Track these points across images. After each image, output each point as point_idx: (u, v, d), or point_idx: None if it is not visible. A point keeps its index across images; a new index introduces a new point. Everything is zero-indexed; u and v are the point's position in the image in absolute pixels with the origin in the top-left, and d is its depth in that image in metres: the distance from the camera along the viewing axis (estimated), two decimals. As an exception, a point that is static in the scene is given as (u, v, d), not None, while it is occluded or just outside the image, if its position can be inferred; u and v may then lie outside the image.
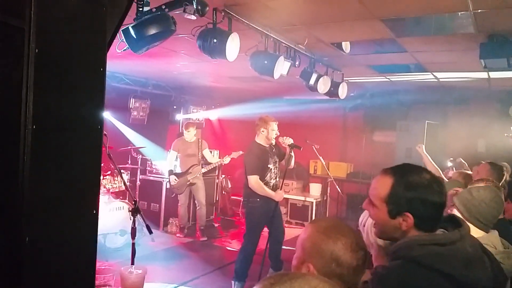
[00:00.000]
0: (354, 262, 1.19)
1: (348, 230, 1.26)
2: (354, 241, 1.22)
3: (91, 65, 1.41)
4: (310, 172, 8.62)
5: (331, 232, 1.23)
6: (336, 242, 1.20)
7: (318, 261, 1.20)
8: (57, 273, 1.36)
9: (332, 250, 1.20)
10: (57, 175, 1.31)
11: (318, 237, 1.23)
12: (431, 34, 3.99)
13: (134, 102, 7.47)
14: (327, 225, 1.28)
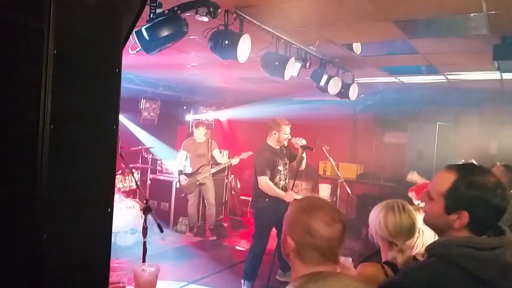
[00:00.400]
0: (327, 233, 1.28)
1: (324, 206, 1.35)
2: (328, 214, 1.31)
3: (107, 66, 1.44)
4: (319, 173, 8.60)
5: (308, 207, 1.34)
6: (310, 215, 1.31)
7: (295, 233, 1.32)
8: (74, 270, 1.38)
9: (306, 222, 1.30)
10: (74, 174, 1.34)
11: (296, 211, 1.36)
12: (443, 35, 3.97)
13: (145, 103, 7.54)
14: (306, 201, 1.41)
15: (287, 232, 1.36)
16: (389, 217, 1.90)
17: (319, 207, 1.33)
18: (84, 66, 1.32)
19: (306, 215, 1.32)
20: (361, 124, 8.40)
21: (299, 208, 1.38)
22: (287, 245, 1.33)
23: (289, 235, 1.34)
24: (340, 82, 5.11)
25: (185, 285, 4.76)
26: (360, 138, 8.44)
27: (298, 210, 1.37)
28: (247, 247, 5.65)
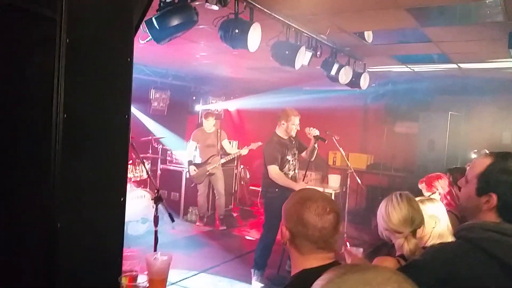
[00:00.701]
0: (319, 224, 1.33)
1: (318, 197, 1.39)
2: (320, 206, 1.35)
3: (119, 55, 1.44)
4: (329, 164, 8.56)
5: (301, 199, 1.39)
6: (302, 206, 1.36)
7: (289, 224, 1.38)
8: (88, 258, 1.40)
9: (299, 213, 1.35)
10: (87, 163, 1.35)
11: (291, 203, 1.42)
12: (456, 23, 3.90)
13: (155, 93, 7.54)
14: (301, 193, 1.47)
15: (283, 222, 1.42)
16: (389, 208, 1.93)
17: (312, 199, 1.37)
18: (96, 56, 1.32)
19: (299, 206, 1.37)
20: (372, 113, 8.32)
21: (294, 199, 1.43)
22: (283, 234, 1.41)
23: (284, 225, 1.41)
24: (351, 71, 5.06)
25: (195, 274, 4.81)
26: (370, 128, 8.37)
27: (293, 202, 1.42)
28: (257, 237, 5.67)
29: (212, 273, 4.90)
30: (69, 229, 1.30)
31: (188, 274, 4.74)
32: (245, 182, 8.45)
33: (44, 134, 1.20)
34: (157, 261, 1.68)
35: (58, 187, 1.24)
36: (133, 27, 1.58)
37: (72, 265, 1.36)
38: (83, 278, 1.41)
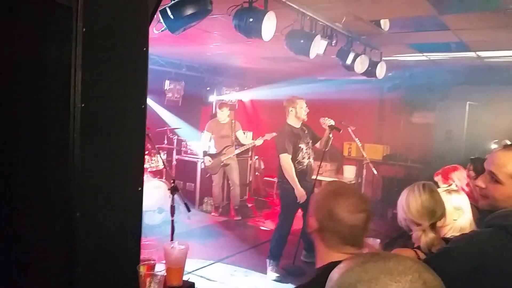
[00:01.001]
0: (350, 221, 1.31)
1: (351, 193, 1.36)
2: (353, 203, 1.33)
3: (134, 45, 1.43)
4: (344, 154, 8.50)
5: (335, 193, 1.36)
6: (335, 200, 1.33)
7: (319, 215, 1.35)
8: (106, 246, 1.41)
9: (331, 207, 1.32)
10: (105, 153, 1.35)
11: (324, 195, 1.39)
12: (476, 10, 3.79)
13: (169, 84, 7.56)
14: (335, 187, 1.43)
15: (312, 212, 1.39)
16: (410, 198, 1.88)
17: (345, 194, 1.35)
18: (112, 45, 1.31)
19: (332, 200, 1.34)
20: (388, 103, 8.20)
21: (327, 191, 1.40)
22: (310, 224, 1.38)
23: (313, 216, 1.38)
24: (367, 60, 4.98)
25: (211, 263, 4.85)
26: (386, 118, 8.26)
27: (325, 193, 1.40)
28: (272, 227, 5.68)
29: (227, 262, 4.93)
30: (88, 218, 1.31)
31: (204, 264, 4.78)
32: (260, 172, 8.45)
33: (62, 124, 1.20)
34: (174, 250, 1.69)
35: (77, 177, 1.25)
36: (149, 16, 1.58)
37: (91, 253, 1.37)
38: (102, 266, 1.43)
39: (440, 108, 7.15)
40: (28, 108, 1.21)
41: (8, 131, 1.22)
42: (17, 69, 1.19)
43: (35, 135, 1.25)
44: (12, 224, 1.29)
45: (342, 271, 0.72)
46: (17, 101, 1.20)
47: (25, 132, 1.26)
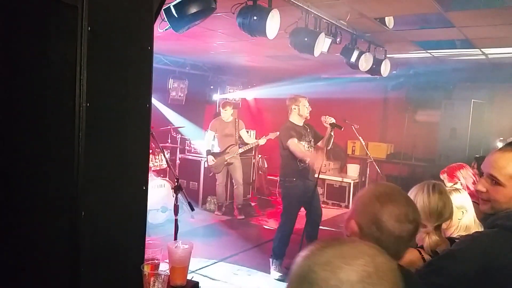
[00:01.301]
0: (397, 232, 1.18)
1: (402, 201, 1.23)
2: (403, 212, 1.19)
3: (139, 44, 1.42)
4: (347, 153, 8.48)
5: (383, 198, 1.21)
6: (383, 207, 1.19)
7: (362, 220, 1.22)
8: (111, 246, 1.41)
9: (377, 213, 1.19)
10: (110, 152, 1.35)
11: (370, 198, 1.23)
12: (481, 7, 3.76)
13: (173, 83, 7.56)
14: (384, 190, 1.25)
15: (353, 214, 1.25)
16: (418, 198, 1.82)
17: (395, 201, 1.21)
18: (117, 43, 1.31)
19: (378, 205, 1.20)
20: (392, 101, 8.17)
21: (374, 194, 1.24)
22: (350, 227, 1.24)
23: (354, 219, 1.24)
24: (371, 58, 4.96)
25: (214, 262, 4.85)
26: (391, 117, 8.23)
27: (371, 196, 1.24)
28: (275, 226, 5.67)
29: (230, 262, 4.93)
30: (92, 218, 1.31)
31: (207, 263, 4.78)
32: (263, 171, 8.45)
33: (67, 123, 1.20)
34: (178, 250, 1.69)
35: (81, 176, 1.24)
36: (153, 14, 1.57)
37: (95, 253, 1.37)
38: (106, 265, 1.42)
39: (444, 106, 7.13)
40: (33, 107, 1.21)
41: (13, 130, 1.21)
42: (22, 68, 1.18)
43: (40, 135, 1.25)
44: (16, 223, 1.28)
45: (304, 255, 0.76)
46: (22, 100, 1.20)
47: (30, 131, 1.25)
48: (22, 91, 1.19)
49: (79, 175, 1.23)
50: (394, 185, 1.30)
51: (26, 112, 1.23)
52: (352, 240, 0.79)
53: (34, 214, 1.30)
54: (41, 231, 1.31)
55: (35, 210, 1.30)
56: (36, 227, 1.31)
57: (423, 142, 7.56)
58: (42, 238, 1.31)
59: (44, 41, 1.13)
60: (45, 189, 1.29)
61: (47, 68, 1.14)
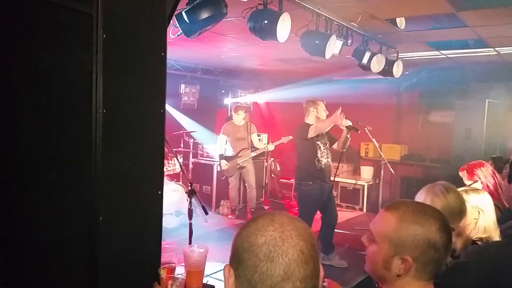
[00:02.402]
0: (446, 241, 1.14)
1: (432, 211, 1.19)
2: (441, 221, 1.16)
3: (153, 50, 1.44)
4: (361, 155, 8.43)
5: (418, 218, 1.15)
6: (425, 226, 1.14)
7: (415, 251, 1.13)
8: (128, 249, 1.43)
9: (425, 236, 1.13)
10: (126, 157, 1.37)
11: (407, 226, 1.15)
12: (494, 6, 3.72)
13: (185, 88, 7.62)
14: (411, 210, 1.18)
15: (395, 251, 1.15)
16: (436, 201, 1.75)
17: (429, 215, 1.16)
18: (132, 50, 1.33)
19: (421, 228, 1.14)
20: (405, 102, 8.09)
21: (407, 221, 1.16)
22: (402, 266, 1.13)
23: (405, 255, 1.13)
24: (383, 59, 4.93)
25: (229, 266, 4.86)
26: (404, 118, 8.15)
27: (407, 224, 1.15)
28: (289, 229, 5.64)
29: (245, 265, 4.92)
30: (110, 222, 1.32)
31: (221, 267, 4.76)
32: (276, 175, 8.44)
33: (84, 129, 1.22)
34: (194, 253, 1.70)
35: (99, 181, 1.26)
36: (166, 21, 1.59)
37: (113, 257, 1.39)
38: (123, 269, 1.44)
39: (458, 107, 7.04)
40: (50, 114, 1.23)
41: (31, 137, 1.24)
42: (40, 76, 1.21)
43: (58, 141, 1.27)
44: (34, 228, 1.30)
45: (243, 225, 0.93)
46: (40, 108, 1.22)
47: (48, 137, 1.28)
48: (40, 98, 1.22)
49: (97, 180, 1.25)
50: (408, 200, 1.26)
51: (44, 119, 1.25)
52: (269, 213, 0.90)
53: (53, 219, 1.33)
54: (60, 235, 1.34)
55: (54, 215, 1.32)
56: (54, 232, 1.33)
57: (438, 143, 7.46)
58: (61, 242, 1.33)
59: (61, 49, 1.15)
60: (63, 194, 1.31)
61: (64, 75, 1.17)
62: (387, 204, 1.24)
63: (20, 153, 1.18)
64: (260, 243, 0.84)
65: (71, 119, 1.19)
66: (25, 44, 1.09)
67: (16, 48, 1.08)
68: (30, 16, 1.08)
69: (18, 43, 1.08)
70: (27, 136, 1.19)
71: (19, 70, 1.11)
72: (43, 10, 1.08)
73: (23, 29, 1.09)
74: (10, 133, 1.12)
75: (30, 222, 1.29)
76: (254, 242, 0.85)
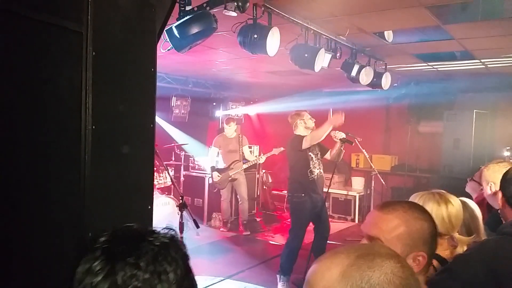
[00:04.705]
0: None
1: (421, 206, 1.30)
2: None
3: (143, 66, 1.46)
4: (352, 166, 8.47)
5: (418, 214, 1.21)
6: (427, 221, 1.21)
7: (425, 246, 1.18)
8: (118, 266, 1.42)
9: (429, 230, 1.20)
10: (115, 173, 1.37)
11: (414, 224, 1.18)
12: (479, 19, 3.80)
13: (176, 101, 7.63)
14: (408, 209, 1.22)
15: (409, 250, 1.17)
16: (435, 210, 1.70)
17: (421, 209, 1.26)
18: (121, 67, 1.34)
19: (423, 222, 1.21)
20: (394, 114, 8.19)
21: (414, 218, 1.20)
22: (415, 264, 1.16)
23: (421, 251, 1.17)
24: (372, 72, 4.99)
25: (221, 280, 4.82)
26: (394, 129, 8.24)
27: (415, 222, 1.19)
28: (281, 241, 5.65)
29: (237, 279, 4.89)
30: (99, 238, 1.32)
31: (214, 281, 4.75)
32: (268, 186, 8.43)
33: (73, 146, 1.22)
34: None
35: (88, 197, 1.26)
36: (156, 37, 1.61)
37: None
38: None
39: (447, 117, 7.13)
40: (40, 130, 1.23)
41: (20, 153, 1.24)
42: (30, 93, 1.21)
43: (47, 157, 1.27)
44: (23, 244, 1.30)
45: None
46: (29, 124, 1.22)
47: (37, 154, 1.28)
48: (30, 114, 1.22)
49: (85, 196, 1.25)
50: (398, 202, 1.28)
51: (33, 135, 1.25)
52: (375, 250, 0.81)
53: (41, 235, 1.32)
54: (49, 251, 1.33)
55: (43, 231, 1.31)
56: (43, 247, 1.32)
57: (427, 153, 7.55)
58: (50, 258, 1.32)
59: (51, 66, 1.16)
60: (52, 210, 1.30)
61: (53, 92, 1.17)
62: (379, 207, 1.25)
63: (9, 169, 1.18)
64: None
65: (60, 135, 1.19)
66: (15, 61, 1.09)
67: (6, 65, 1.09)
68: (20, 34, 1.09)
69: (8, 60, 1.09)
70: (16, 152, 1.19)
71: (9, 87, 1.12)
72: (33, 29, 1.09)
73: (13, 47, 1.10)
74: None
75: (19, 238, 1.28)
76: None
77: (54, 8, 1.13)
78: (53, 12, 1.12)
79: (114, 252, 0.75)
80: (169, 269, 0.75)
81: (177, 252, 0.80)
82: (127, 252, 0.75)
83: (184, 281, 0.77)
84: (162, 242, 0.79)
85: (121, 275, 0.73)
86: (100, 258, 0.75)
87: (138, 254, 0.75)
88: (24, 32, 1.13)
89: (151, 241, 0.78)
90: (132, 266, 0.73)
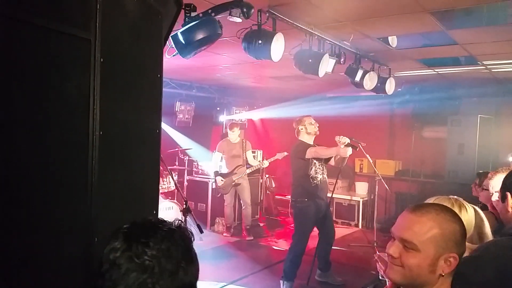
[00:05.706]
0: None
1: (449, 207, 1.30)
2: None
3: (149, 72, 1.47)
4: (355, 171, 8.46)
5: (450, 216, 1.22)
6: (458, 223, 1.22)
7: (457, 248, 1.20)
8: (124, 271, 1.42)
9: (461, 231, 1.21)
10: (122, 179, 1.38)
11: (447, 227, 1.20)
12: (483, 24, 3.81)
13: (180, 105, 7.66)
14: (440, 210, 1.24)
15: (440, 253, 1.18)
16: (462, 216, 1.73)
17: (451, 211, 1.26)
18: (128, 73, 1.35)
19: (456, 224, 1.21)
20: (398, 119, 8.18)
21: (444, 221, 1.21)
22: (446, 265, 1.18)
23: (452, 253, 1.19)
24: (376, 77, 5.00)
25: (224, 285, 4.81)
26: (398, 134, 8.23)
27: (445, 224, 1.20)
28: (284, 246, 5.63)
29: (240, 284, 4.88)
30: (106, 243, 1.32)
31: (217, 286, 4.74)
32: (271, 191, 8.43)
33: (81, 152, 1.23)
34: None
35: (95, 203, 1.27)
36: (162, 43, 1.62)
37: (109, 278, 1.38)
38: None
39: (451, 122, 7.12)
40: (48, 137, 1.24)
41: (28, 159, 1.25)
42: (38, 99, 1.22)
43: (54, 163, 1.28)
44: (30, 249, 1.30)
45: None
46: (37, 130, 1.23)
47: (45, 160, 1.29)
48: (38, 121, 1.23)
49: (92, 201, 1.26)
50: (425, 204, 1.32)
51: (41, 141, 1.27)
52: None
53: (48, 240, 1.33)
54: (55, 257, 1.33)
55: (50, 236, 1.32)
56: (50, 253, 1.33)
57: (431, 158, 7.52)
58: (56, 264, 1.33)
59: (59, 74, 1.18)
60: (59, 216, 1.31)
61: (61, 99, 1.19)
62: (411, 209, 1.26)
63: (17, 175, 1.19)
64: None
65: (68, 141, 1.21)
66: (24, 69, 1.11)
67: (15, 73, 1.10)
68: (29, 42, 1.10)
69: (17, 68, 1.10)
70: (24, 158, 1.20)
71: (18, 94, 1.13)
72: (42, 36, 1.10)
73: (22, 55, 1.11)
74: (8, 154, 1.13)
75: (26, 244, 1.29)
76: None
77: (64, 17, 1.15)
78: (63, 20, 1.14)
79: (131, 235, 0.99)
80: (173, 249, 0.98)
81: (181, 236, 1.04)
82: (140, 235, 0.98)
83: (185, 257, 1.01)
84: (170, 228, 1.03)
85: (135, 251, 0.96)
86: (120, 239, 0.99)
87: (149, 236, 0.98)
88: (32, 40, 1.15)
89: (161, 227, 1.01)
90: (143, 245, 0.97)
